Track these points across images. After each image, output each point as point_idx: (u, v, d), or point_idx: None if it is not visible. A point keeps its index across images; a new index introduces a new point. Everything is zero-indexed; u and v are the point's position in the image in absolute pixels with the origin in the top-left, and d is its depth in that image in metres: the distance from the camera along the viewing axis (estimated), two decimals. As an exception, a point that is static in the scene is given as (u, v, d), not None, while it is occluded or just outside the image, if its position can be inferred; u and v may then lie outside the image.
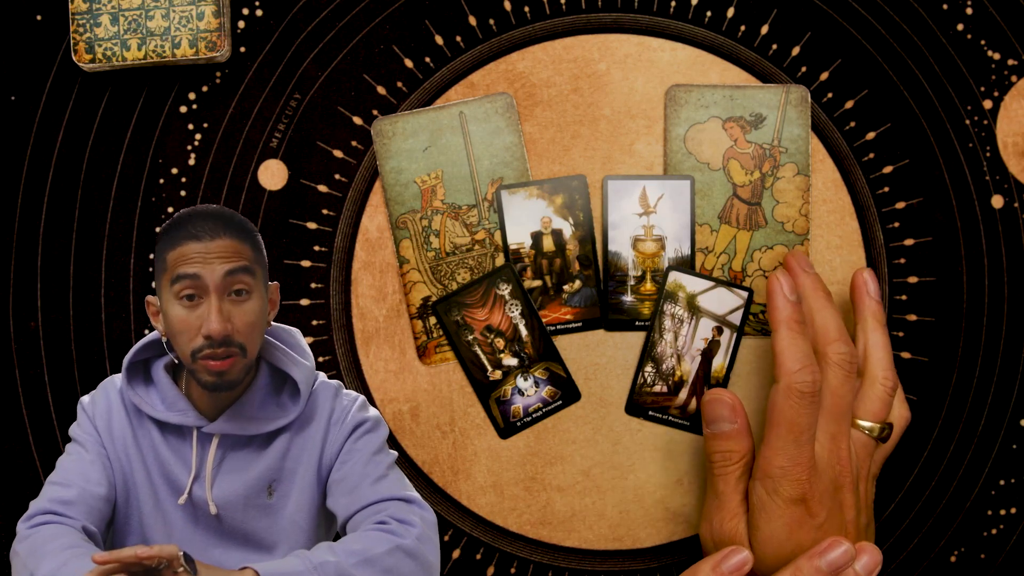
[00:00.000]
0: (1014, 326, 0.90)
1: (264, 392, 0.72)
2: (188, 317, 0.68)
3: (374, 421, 0.73)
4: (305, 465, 0.72)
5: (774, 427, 0.73)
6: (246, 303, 0.69)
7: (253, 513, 0.71)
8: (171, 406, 0.71)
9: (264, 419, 0.71)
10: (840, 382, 0.75)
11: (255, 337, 0.70)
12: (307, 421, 0.73)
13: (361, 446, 0.73)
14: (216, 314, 0.67)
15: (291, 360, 0.73)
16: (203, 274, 0.68)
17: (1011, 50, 0.90)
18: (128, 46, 0.89)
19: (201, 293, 0.68)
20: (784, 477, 0.72)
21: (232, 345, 0.68)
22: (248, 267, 0.69)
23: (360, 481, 0.71)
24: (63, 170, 0.92)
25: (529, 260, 0.91)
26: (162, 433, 0.71)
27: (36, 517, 0.69)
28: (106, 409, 0.73)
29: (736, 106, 0.90)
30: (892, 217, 0.91)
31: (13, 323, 0.91)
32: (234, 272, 0.68)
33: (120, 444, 0.72)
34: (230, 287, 0.69)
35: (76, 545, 0.66)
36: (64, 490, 0.69)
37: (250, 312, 0.69)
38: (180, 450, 0.71)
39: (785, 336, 0.75)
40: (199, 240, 0.68)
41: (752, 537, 0.74)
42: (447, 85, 0.91)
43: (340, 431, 0.73)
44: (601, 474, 0.91)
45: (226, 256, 0.69)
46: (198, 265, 0.68)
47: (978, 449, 0.91)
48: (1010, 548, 0.91)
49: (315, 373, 0.74)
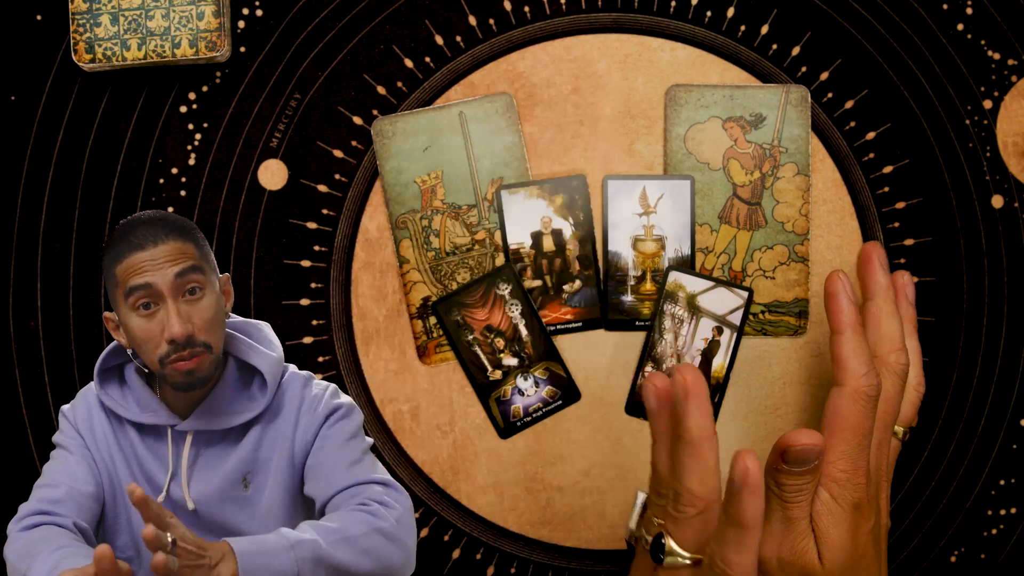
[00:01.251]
0: (1014, 326, 0.90)
1: (233, 387, 0.73)
2: (148, 325, 0.69)
3: (347, 407, 0.74)
4: (278, 455, 0.72)
5: (838, 431, 0.72)
6: (201, 301, 0.70)
7: (230, 507, 0.72)
8: (144, 407, 0.71)
9: (234, 413, 0.72)
10: (896, 391, 0.74)
11: (217, 332, 0.70)
12: (277, 411, 0.73)
13: (335, 432, 0.74)
14: (175, 317, 0.68)
15: (255, 352, 0.74)
16: (154, 281, 0.68)
17: (1011, 50, 0.90)
18: (128, 46, 0.89)
19: (156, 300, 0.69)
20: (848, 482, 0.71)
21: (196, 345, 0.69)
22: (196, 265, 0.70)
23: (335, 465, 0.72)
24: (63, 170, 0.92)
25: (529, 260, 0.91)
26: (139, 434, 0.72)
27: (26, 519, 0.69)
28: (87, 414, 0.73)
29: (736, 106, 0.90)
30: (892, 217, 0.91)
31: (13, 323, 0.91)
32: (184, 273, 0.69)
33: (103, 445, 0.72)
34: (183, 288, 0.69)
35: (67, 545, 0.66)
36: (52, 490, 0.70)
37: (207, 308, 0.70)
38: (157, 450, 0.72)
39: (851, 339, 0.73)
40: (143, 248, 0.69)
41: (822, 546, 0.72)
42: (447, 85, 0.91)
43: (312, 419, 0.74)
44: (601, 474, 0.91)
45: (173, 258, 0.70)
46: (148, 274, 0.69)
47: (978, 449, 0.91)
48: (1010, 548, 0.91)
49: (284, 365, 0.75)
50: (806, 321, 0.90)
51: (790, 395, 0.90)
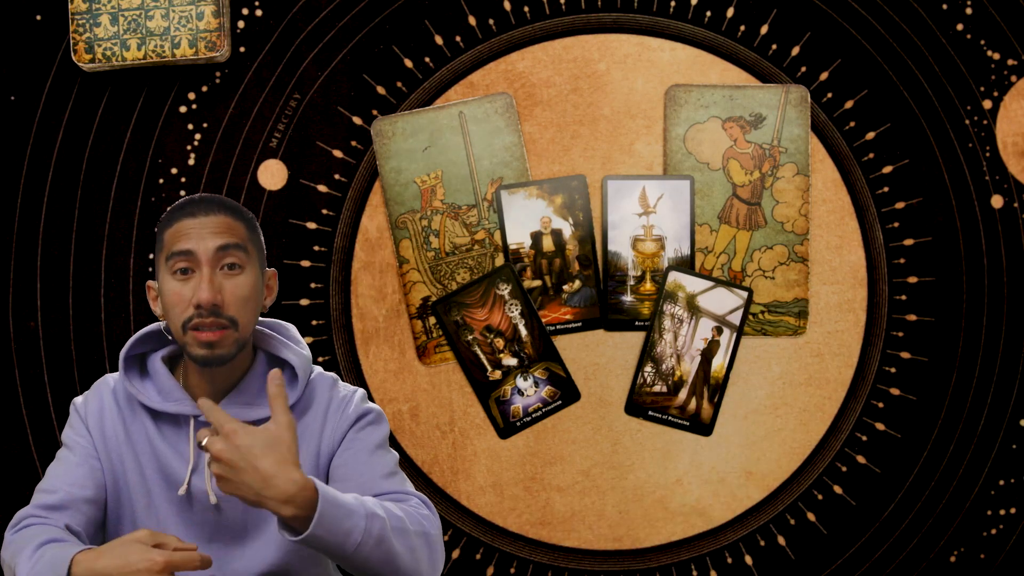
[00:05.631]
0: (1014, 326, 0.90)
1: (261, 378, 0.72)
2: (181, 290, 0.69)
3: (377, 414, 0.74)
4: (303, 452, 0.72)
5: None
6: (238, 277, 0.69)
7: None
8: (167, 396, 0.71)
9: (261, 405, 0.72)
10: None
11: (247, 312, 0.70)
12: (304, 409, 0.73)
13: (364, 436, 0.73)
14: (207, 283, 0.68)
15: (286, 347, 0.73)
16: (195, 249, 0.68)
17: (1011, 50, 0.90)
18: (128, 46, 0.89)
19: (194, 266, 0.68)
20: None
21: (221, 316, 0.68)
22: (240, 244, 0.70)
23: (369, 471, 0.72)
24: (63, 170, 0.92)
25: (529, 260, 0.91)
26: (157, 427, 0.71)
27: (21, 523, 0.69)
28: (98, 409, 0.73)
29: (736, 106, 0.90)
30: (892, 217, 0.91)
31: (13, 323, 0.91)
32: (226, 247, 0.69)
33: (112, 443, 0.72)
34: (222, 260, 0.69)
35: (56, 539, 0.66)
36: (49, 496, 0.70)
37: (241, 286, 0.69)
38: (176, 443, 0.71)
39: None
40: (194, 216, 0.69)
41: None
42: (447, 85, 0.91)
43: (341, 421, 0.73)
44: (601, 474, 0.91)
45: (219, 231, 0.69)
46: (192, 240, 0.69)
47: (978, 449, 0.91)
48: (1010, 548, 0.91)
49: (311, 364, 0.74)
50: (806, 321, 0.90)
51: (790, 395, 0.90)
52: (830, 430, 0.90)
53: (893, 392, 0.91)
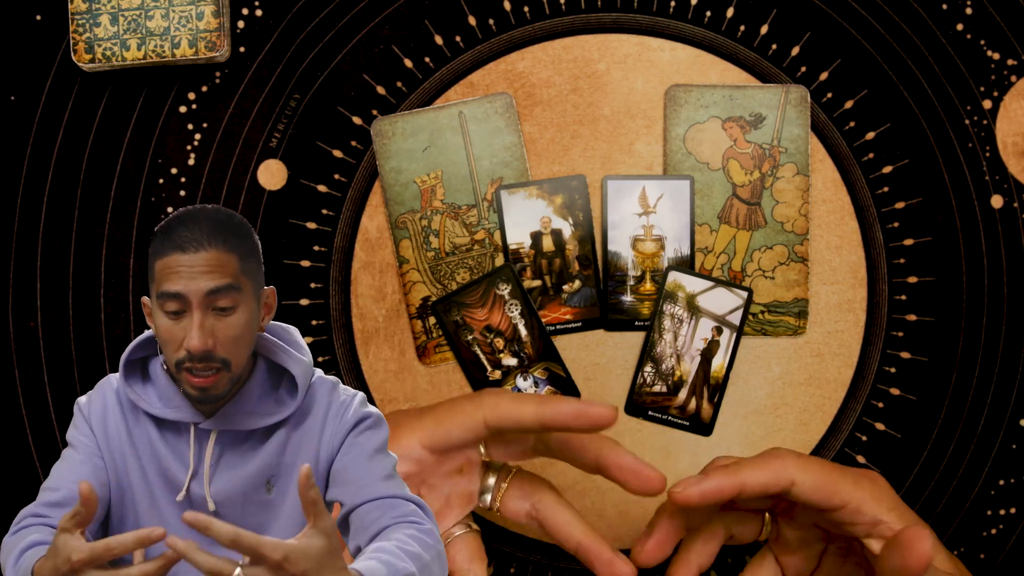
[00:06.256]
0: (1014, 326, 0.90)
1: (261, 387, 0.72)
2: (173, 328, 0.68)
3: (377, 417, 0.74)
4: (303, 460, 0.72)
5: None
6: (230, 317, 0.69)
7: (252, 509, 0.71)
8: (168, 402, 0.71)
9: (262, 414, 0.71)
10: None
11: (240, 351, 0.69)
12: (304, 416, 0.73)
13: (363, 440, 0.73)
14: (197, 330, 0.67)
15: (287, 355, 0.73)
16: (185, 292, 0.67)
17: (1011, 50, 0.90)
18: (128, 46, 0.89)
19: (185, 307, 0.68)
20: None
21: (214, 360, 0.68)
22: (232, 284, 0.68)
23: (368, 474, 0.71)
24: (63, 170, 0.92)
25: (529, 260, 0.91)
26: (159, 431, 0.71)
27: (21, 523, 0.70)
28: (102, 409, 0.73)
29: (736, 106, 0.90)
30: (892, 217, 0.91)
31: (13, 323, 0.92)
32: (216, 291, 0.68)
33: (116, 444, 0.72)
34: (213, 303, 0.69)
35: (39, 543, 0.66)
36: (52, 493, 0.70)
37: (234, 326, 0.69)
38: (177, 447, 0.71)
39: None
40: (184, 251, 0.68)
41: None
42: (447, 85, 0.91)
43: (340, 426, 0.73)
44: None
45: (209, 270, 0.68)
46: (182, 282, 0.68)
47: (978, 449, 0.91)
48: (1010, 548, 0.91)
49: (312, 369, 0.74)
50: (805, 321, 0.90)
51: (790, 395, 0.90)
52: (830, 430, 0.90)
53: (893, 392, 0.91)
